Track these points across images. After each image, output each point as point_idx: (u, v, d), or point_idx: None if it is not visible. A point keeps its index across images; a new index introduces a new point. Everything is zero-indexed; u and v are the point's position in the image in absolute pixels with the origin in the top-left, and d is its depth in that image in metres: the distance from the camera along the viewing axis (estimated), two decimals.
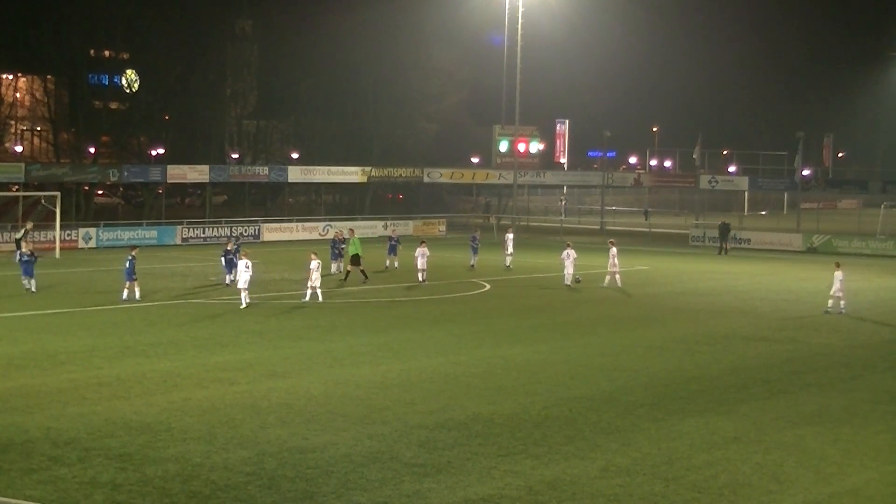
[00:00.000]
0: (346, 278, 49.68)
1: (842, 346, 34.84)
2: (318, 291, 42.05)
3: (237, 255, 44.72)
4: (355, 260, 49.74)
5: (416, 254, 50.29)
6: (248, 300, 40.45)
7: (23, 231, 58.52)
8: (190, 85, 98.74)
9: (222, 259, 48.25)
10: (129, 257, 41.60)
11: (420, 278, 49.61)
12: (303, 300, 42.04)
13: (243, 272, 40.42)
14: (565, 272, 49.96)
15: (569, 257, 49.68)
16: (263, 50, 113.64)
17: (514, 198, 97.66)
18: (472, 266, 57.08)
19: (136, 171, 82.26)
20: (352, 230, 56.93)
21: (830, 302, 42.49)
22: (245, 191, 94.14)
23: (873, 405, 26.11)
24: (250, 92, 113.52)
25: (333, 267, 52.29)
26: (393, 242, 56.25)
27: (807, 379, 29.04)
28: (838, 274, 42.32)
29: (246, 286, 40.34)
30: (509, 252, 58.16)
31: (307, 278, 42.24)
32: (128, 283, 41.52)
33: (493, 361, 30.39)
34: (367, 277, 49.54)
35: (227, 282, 46.90)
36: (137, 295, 41.41)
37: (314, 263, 41.98)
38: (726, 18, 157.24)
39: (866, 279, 56.46)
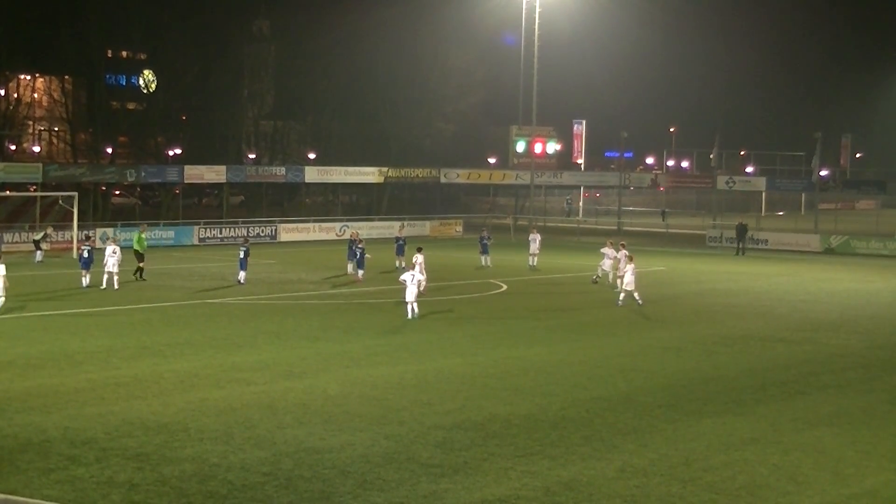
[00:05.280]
0: (139, 275, 48.18)
1: (860, 347, 34.71)
2: (414, 305, 38.16)
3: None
4: (139, 257, 48.61)
5: (415, 260, 44.83)
6: (116, 284, 44.53)
7: (42, 234, 58.88)
8: (207, 85, 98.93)
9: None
10: (88, 248, 46.02)
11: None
12: (411, 317, 38.04)
13: (110, 256, 44.57)
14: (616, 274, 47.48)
15: (625, 258, 46.39)
16: (281, 50, 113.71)
17: (531, 198, 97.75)
18: (485, 266, 57.08)
19: (154, 171, 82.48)
20: (144, 225, 56.77)
21: (637, 294, 42.63)
22: (262, 191, 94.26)
23: (892, 406, 26.02)
24: (267, 92, 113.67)
25: (350, 268, 52.34)
26: (400, 243, 56.10)
27: (824, 380, 28.95)
28: (624, 253, 44.94)
29: (115, 269, 44.57)
30: (533, 252, 58.16)
31: (403, 290, 38.89)
32: (84, 272, 45.37)
33: (509, 362, 30.37)
34: (142, 278, 47.99)
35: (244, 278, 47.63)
36: (89, 281, 45.15)
37: (407, 276, 38.46)
38: (744, 18, 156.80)
39: (884, 280, 56.29)
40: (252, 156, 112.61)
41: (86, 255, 45.48)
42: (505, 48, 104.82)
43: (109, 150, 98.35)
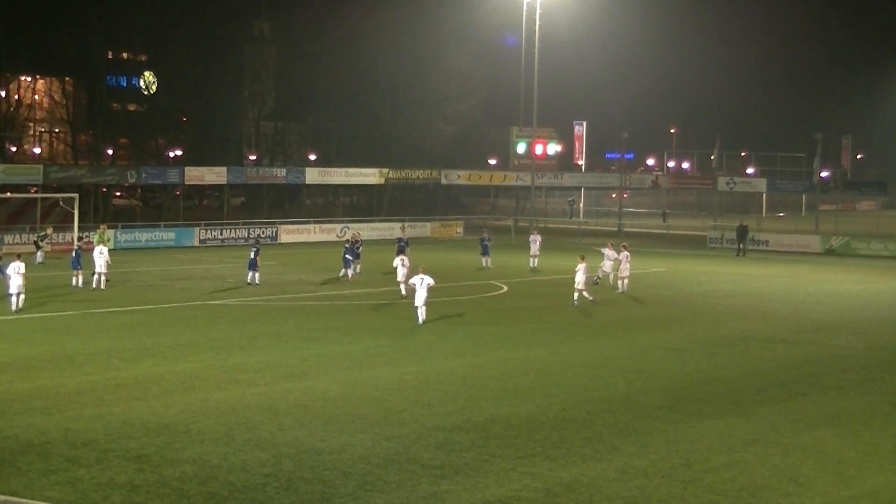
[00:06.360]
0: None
1: (861, 348, 34.70)
2: (420, 311, 37.16)
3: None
4: None
5: (396, 263, 45.04)
6: (103, 284, 45.21)
7: (42, 233, 58.91)
8: (208, 87, 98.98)
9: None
10: (77, 248, 47.76)
11: (404, 292, 43.47)
12: (419, 324, 36.98)
13: (98, 257, 45.43)
14: (617, 274, 48.32)
15: (626, 259, 47.66)
16: (281, 52, 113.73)
17: (532, 199, 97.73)
18: (486, 267, 57.13)
19: (154, 172, 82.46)
20: (103, 226, 56.73)
21: (587, 293, 43.38)
22: (263, 192, 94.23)
23: (892, 407, 26.01)
24: (268, 94, 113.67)
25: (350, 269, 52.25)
26: (402, 244, 56.11)
27: (825, 381, 28.93)
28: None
29: (104, 270, 45.31)
30: (534, 253, 58.18)
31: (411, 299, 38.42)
32: (76, 272, 46.19)
33: (510, 363, 30.37)
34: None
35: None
36: (82, 282, 45.87)
37: (416, 280, 37.51)
38: (744, 19, 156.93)
39: (885, 281, 56.21)
40: (253, 157, 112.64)
41: (74, 255, 46.39)
42: (505, 49, 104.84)
43: (110, 152, 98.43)
